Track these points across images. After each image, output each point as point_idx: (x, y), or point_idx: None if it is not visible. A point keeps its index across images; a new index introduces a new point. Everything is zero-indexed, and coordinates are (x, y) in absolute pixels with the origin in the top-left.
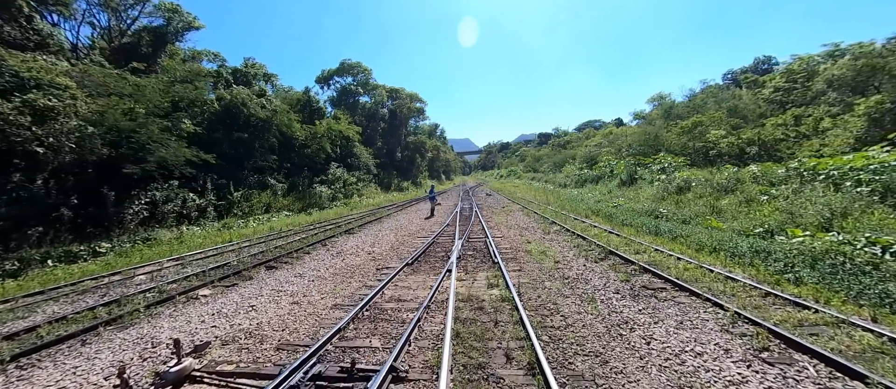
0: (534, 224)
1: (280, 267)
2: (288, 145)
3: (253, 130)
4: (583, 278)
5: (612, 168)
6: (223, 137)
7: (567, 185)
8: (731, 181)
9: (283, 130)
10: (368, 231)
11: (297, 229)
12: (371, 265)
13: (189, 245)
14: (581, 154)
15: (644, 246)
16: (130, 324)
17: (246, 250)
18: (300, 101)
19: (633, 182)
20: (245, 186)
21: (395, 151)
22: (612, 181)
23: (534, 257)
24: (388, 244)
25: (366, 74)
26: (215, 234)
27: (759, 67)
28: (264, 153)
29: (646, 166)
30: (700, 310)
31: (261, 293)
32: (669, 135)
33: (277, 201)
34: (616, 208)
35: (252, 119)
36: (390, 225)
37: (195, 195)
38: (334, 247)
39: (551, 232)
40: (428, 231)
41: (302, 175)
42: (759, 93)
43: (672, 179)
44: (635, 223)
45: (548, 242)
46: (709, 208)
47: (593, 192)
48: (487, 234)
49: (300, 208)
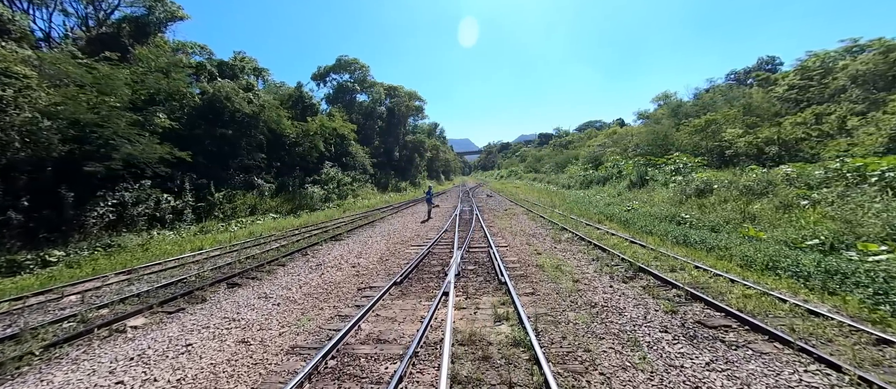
0: (541, 231)
1: (245, 284)
2: (278, 143)
3: (238, 127)
4: (614, 306)
5: (620, 169)
6: (205, 134)
7: (571, 186)
8: (761, 183)
9: (272, 126)
10: (357, 238)
11: (280, 235)
12: (353, 282)
13: (154, 253)
14: (584, 154)
15: (679, 261)
16: (5, 380)
17: (214, 260)
18: (292, 97)
19: (644, 184)
20: (229, 186)
21: (393, 150)
22: (621, 183)
23: (547, 273)
24: (376, 255)
25: (363, 70)
26: (189, 239)
27: (763, 67)
28: (251, 151)
29: (657, 167)
30: (797, 367)
31: (208, 323)
32: (680, 134)
33: (264, 202)
34: (630, 213)
35: (237, 115)
36: (383, 230)
37: (171, 197)
38: (315, 257)
39: (563, 241)
40: (424, 238)
41: (293, 175)
42: (772, 91)
43: (690, 180)
44: (657, 231)
45: (560, 253)
46: (739, 213)
47: (601, 194)
48: (490, 242)
49: (289, 210)
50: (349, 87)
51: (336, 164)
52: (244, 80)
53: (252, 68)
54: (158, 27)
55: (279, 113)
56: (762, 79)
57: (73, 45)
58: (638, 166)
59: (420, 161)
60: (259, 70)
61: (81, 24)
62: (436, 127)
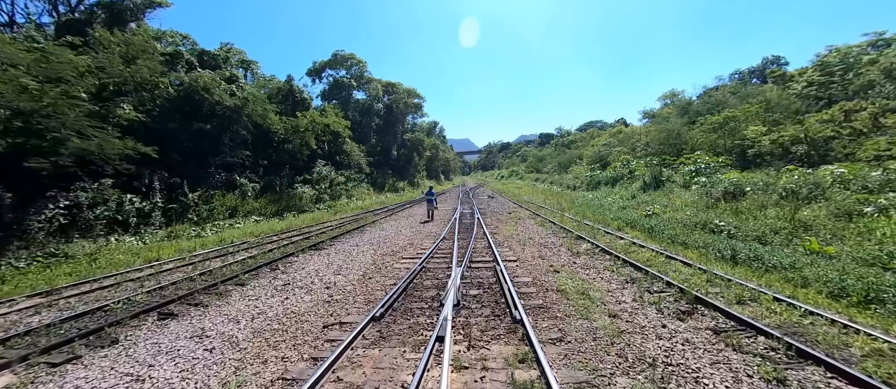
0: (553, 239)
1: (182, 315)
2: (264, 140)
3: (220, 121)
4: (683, 365)
5: (631, 169)
6: (180, 129)
7: (577, 187)
8: (807, 186)
9: (257, 121)
10: (342, 246)
11: (255, 241)
12: (321, 312)
13: (101, 265)
14: (588, 154)
15: (745, 287)
16: None
17: (163, 276)
18: (281, 90)
19: (660, 185)
20: (208, 185)
21: (391, 148)
22: (633, 184)
23: (572, 302)
24: (359, 270)
25: (360, 66)
26: (152, 247)
27: (767, 66)
28: (234, 148)
29: (672, 167)
30: None
31: (99, 387)
32: (695, 133)
33: (247, 203)
34: (653, 218)
35: (218, 108)
36: (372, 237)
37: (137, 198)
38: (286, 273)
39: (581, 253)
40: (417, 248)
41: (282, 174)
42: (790, 88)
43: (715, 182)
44: (693, 242)
45: (582, 270)
46: (787, 221)
47: (613, 196)
48: (496, 254)
49: (274, 212)
50: (345, 83)
51: (329, 162)
52: (228, 71)
53: (240, 61)
54: (136, 14)
55: (265, 107)
56: (777, 75)
57: (36, 31)
58: (651, 167)
59: (419, 160)
60: (247, 62)
61: (51, 10)
62: (435, 125)
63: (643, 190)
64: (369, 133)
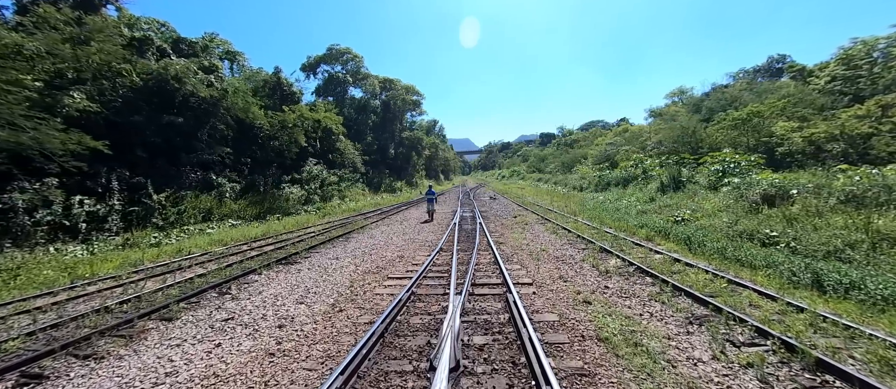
0: (571, 251)
1: (50, 380)
2: (248, 136)
3: (195, 115)
4: None
5: (645, 169)
6: (147, 122)
7: (584, 188)
8: (875, 189)
9: (239, 115)
10: (318, 260)
11: (220, 252)
12: (252, 379)
13: (18, 284)
14: (593, 154)
15: (877, 339)
16: None
17: (70, 306)
18: (268, 83)
19: (680, 186)
20: (180, 185)
21: (388, 147)
22: (649, 184)
23: (624, 361)
24: (328, 298)
25: (357, 61)
26: (99, 259)
27: (773, 65)
28: (212, 144)
29: (691, 166)
30: None
31: None
32: (713, 130)
33: (224, 205)
34: (683, 225)
35: (192, 100)
36: (358, 246)
37: (91, 199)
38: (236, 300)
39: (611, 272)
40: (408, 263)
41: (268, 173)
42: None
43: (750, 184)
44: (746, 257)
45: (619, 299)
46: (862, 231)
47: (628, 198)
48: (506, 276)
49: (256, 215)
50: (340, 78)
51: (321, 161)
52: (207, 60)
53: (225, 52)
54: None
55: (247, 100)
56: (797, 70)
57: None
58: (669, 166)
59: (417, 159)
60: (232, 53)
61: None
62: (435, 124)
63: (661, 191)
64: (365, 131)
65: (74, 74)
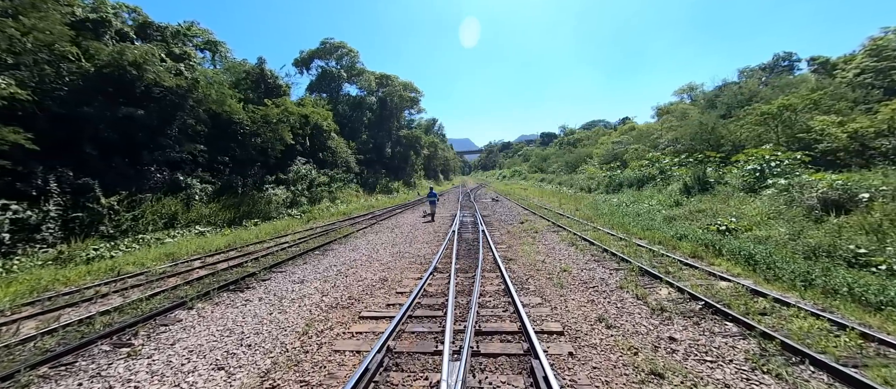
0: (601, 272)
1: None
2: (226, 132)
3: (159, 107)
4: None
5: (662, 169)
6: (99, 114)
7: (593, 189)
8: None
9: (214, 109)
10: (276, 285)
11: (162, 272)
12: None
13: None
14: (599, 153)
15: None
16: None
17: None
18: (251, 75)
19: (706, 188)
20: (140, 187)
21: (384, 146)
22: (670, 185)
23: None
24: (260, 364)
25: (352, 56)
26: (18, 280)
27: (780, 63)
28: (182, 141)
29: (718, 166)
30: None
31: None
32: (736, 126)
33: (193, 209)
34: (731, 237)
35: (155, 90)
36: (332, 264)
37: (23, 204)
38: (128, 361)
39: (668, 309)
40: (390, 293)
41: (249, 172)
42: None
43: (804, 186)
44: (860, 291)
45: (702, 364)
46: None
47: (647, 201)
48: (523, 316)
49: (231, 220)
50: (334, 74)
51: (311, 160)
52: (178, 48)
53: (205, 42)
54: None
55: (223, 91)
56: (820, 63)
57: None
58: (692, 166)
59: (416, 159)
60: (213, 43)
61: None
62: (434, 122)
63: (686, 194)
64: (360, 128)
65: (12, 58)
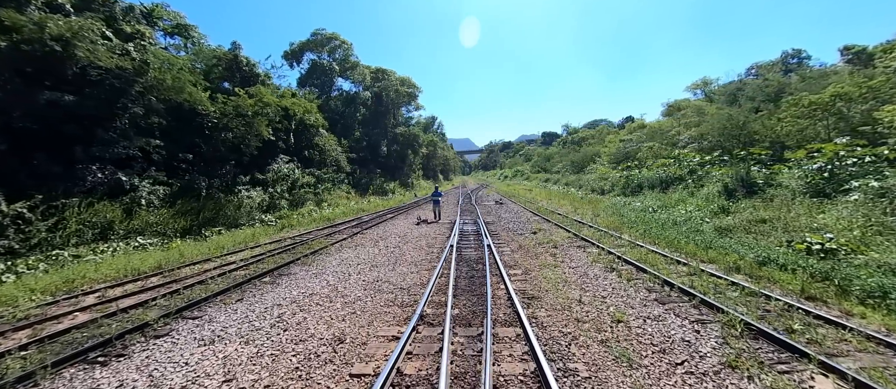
0: (676, 325)
1: None
2: (189, 125)
3: (99, 93)
4: None
5: (692, 168)
6: (13, 99)
7: (606, 190)
8: None
9: (172, 97)
10: (154, 362)
11: (28, 315)
12: None
13: None
14: (610, 152)
15: None
16: None
17: None
18: (223, 62)
19: (755, 191)
20: (69, 190)
21: (380, 144)
22: (706, 188)
23: None
24: None
25: (345, 48)
26: None
27: (788, 60)
28: (129, 134)
29: (762, 164)
30: None
31: None
32: (775, 120)
33: (138, 216)
34: (849, 263)
35: (92, 72)
36: (273, 305)
37: None
38: None
39: None
40: (336, 378)
41: (219, 172)
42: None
43: None
44: None
45: None
46: None
47: (683, 206)
48: None
49: (186, 228)
50: (326, 67)
51: (295, 158)
52: (130, 26)
53: (175, 26)
54: None
55: (180, 76)
56: (856, 52)
57: None
58: (734, 165)
59: (414, 158)
60: (183, 27)
61: None
62: (433, 120)
63: (728, 197)
64: (353, 125)
65: None
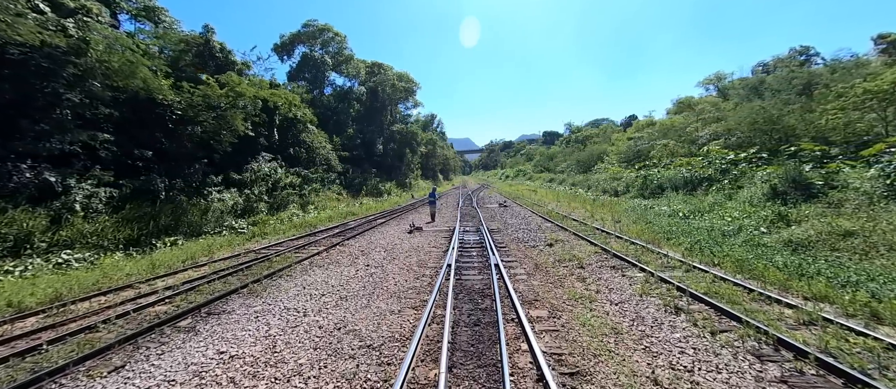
0: None
1: None
2: (148, 117)
3: (18, 74)
4: None
5: (723, 167)
6: None
7: (621, 191)
8: None
9: (124, 84)
10: None
11: None
12: None
13: None
14: (619, 150)
15: None
16: None
17: None
18: (193, 47)
19: (815, 194)
20: None
21: (375, 142)
22: (746, 190)
23: None
24: None
25: (339, 41)
26: None
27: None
28: (66, 126)
29: (815, 162)
30: None
31: None
32: (819, 113)
33: (69, 225)
34: None
35: (11, 50)
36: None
37: None
38: None
39: None
40: None
41: (185, 171)
42: None
43: None
44: None
45: None
46: None
47: (726, 212)
48: None
49: (132, 239)
50: (317, 60)
51: (278, 156)
52: (74, 1)
53: (142, 8)
54: None
55: (129, 59)
56: (892, 41)
57: None
58: (784, 164)
59: (412, 157)
60: (151, 9)
61: None
62: (433, 119)
63: (774, 201)
64: (347, 122)
65: None
